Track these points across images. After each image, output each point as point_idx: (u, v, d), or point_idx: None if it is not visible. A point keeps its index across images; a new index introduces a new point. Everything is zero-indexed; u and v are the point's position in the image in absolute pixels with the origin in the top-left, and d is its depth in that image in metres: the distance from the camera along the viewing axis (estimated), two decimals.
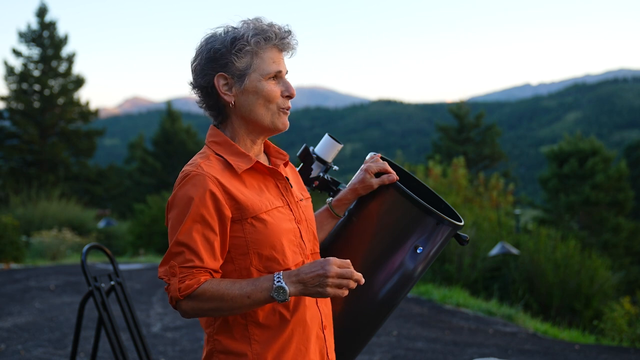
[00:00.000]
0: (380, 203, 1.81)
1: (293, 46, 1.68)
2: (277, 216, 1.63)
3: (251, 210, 1.58)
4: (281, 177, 1.70)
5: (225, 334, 1.61)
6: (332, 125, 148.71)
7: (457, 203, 14.26)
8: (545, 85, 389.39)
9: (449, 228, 1.79)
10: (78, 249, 14.90)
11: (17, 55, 31.21)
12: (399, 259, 1.79)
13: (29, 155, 30.13)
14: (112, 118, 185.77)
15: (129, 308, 3.46)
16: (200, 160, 1.63)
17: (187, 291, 1.52)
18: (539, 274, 10.60)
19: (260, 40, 1.61)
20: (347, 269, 1.48)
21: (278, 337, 1.60)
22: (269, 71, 1.62)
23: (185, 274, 1.53)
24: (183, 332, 6.47)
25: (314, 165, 2.04)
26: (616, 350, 6.71)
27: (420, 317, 7.82)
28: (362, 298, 1.83)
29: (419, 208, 1.75)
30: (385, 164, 1.84)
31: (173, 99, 52.12)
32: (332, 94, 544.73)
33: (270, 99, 1.63)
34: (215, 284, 1.52)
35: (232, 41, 1.61)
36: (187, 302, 1.53)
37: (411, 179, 2.01)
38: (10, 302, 7.88)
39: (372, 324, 1.90)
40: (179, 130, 35.11)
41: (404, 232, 1.78)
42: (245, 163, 1.63)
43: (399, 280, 1.82)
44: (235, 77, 1.63)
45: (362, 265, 1.80)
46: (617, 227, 26.28)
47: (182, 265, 1.54)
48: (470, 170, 29.82)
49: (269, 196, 1.65)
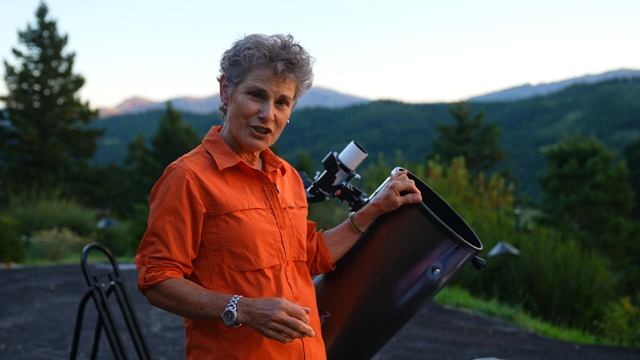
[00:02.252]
0: (403, 221, 1.81)
1: (290, 74, 1.63)
2: (255, 217, 1.65)
3: (225, 207, 1.62)
4: (268, 181, 1.72)
5: (198, 329, 1.66)
6: (332, 125, 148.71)
7: (457, 203, 14.27)
8: (545, 85, 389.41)
9: (468, 252, 1.81)
10: (78, 249, 14.89)
11: (17, 55, 31.21)
12: (417, 276, 1.80)
13: (29, 155, 30.13)
14: (112, 118, 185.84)
15: (129, 308, 3.46)
16: (186, 156, 1.68)
17: (151, 282, 1.58)
18: (539, 274, 10.60)
19: (249, 55, 1.62)
20: (293, 320, 1.47)
21: (246, 336, 1.60)
22: (250, 86, 1.63)
23: (153, 264, 1.59)
24: (183, 332, 6.47)
25: (338, 173, 2.03)
26: (616, 350, 6.71)
27: (420, 317, 7.82)
28: (377, 310, 1.85)
29: (440, 230, 1.76)
30: (412, 182, 1.83)
31: (173, 99, 52.18)
32: (332, 94, 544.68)
33: (242, 114, 1.64)
34: (178, 285, 1.57)
35: (233, 48, 1.67)
36: (150, 292, 1.59)
37: (433, 195, 2.01)
38: (10, 302, 7.88)
39: (385, 333, 1.91)
40: (179, 130, 35.13)
41: (424, 251, 1.79)
42: (229, 162, 1.67)
43: (415, 294, 1.83)
44: (230, 82, 1.68)
45: (380, 281, 1.82)
46: (617, 227, 26.28)
47: (152, 255, 1.59)
48: (470, 170, 29.82)
49: (251, 197, 1.67)
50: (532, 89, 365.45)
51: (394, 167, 2.21)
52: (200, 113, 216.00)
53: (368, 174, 18.03)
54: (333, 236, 1.89)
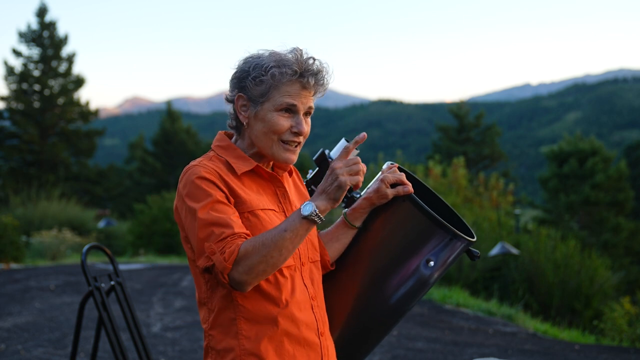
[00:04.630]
0: (394, 214, 1.81)
1: (318, 86, 1.69)
2: (272, 217, 1.67)
3: (248, 205, 1.64)
4: (280, 184, 1.75)
5: (217, 329, 1.64)
6: (332, 126, 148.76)
7: (457, 203, 14.27)
8: (545, 85, 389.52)
9: (461, 243, 1.80)
10: (78, 249, 14.89)
11: (17, 55, 31.21)
12: (410, 270, 1.80)
13: (29, 155, 30.13)
14: (112, 118, 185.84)
15: (129, 308, 3.46)
16: (203, 159, 1.69)
17: (232, 257, 1.51)
18: (539, 274, 10.60)
19: (278, 73, 1.63)
20: (350, 159, 1.58)
21: (267, 334, 1.60)
22: (281, 102, 1.64)
23: (222, 245, 1.54)
24: (183, 332, 6.47)
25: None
26: (616, 350, 6.71)
27: (420, 317, 7.82)
28: (371, 306, 1.84)
29: (433, 222, 1.75)
30: (402, 175, 1.83)
31: (173, 99, 52.23)
32: (332, 94, 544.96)
33: (274, 131, 1.66)
34: (252, 239, 1.55)
35: (253, 68, 1.66)
36: (236, 269, 1.52)
37: (426, 191, 2.01)
38: (10, 302, 7.88)
39: (381, 330, 1.91)
40: (179, 130, 35.13)
41: (417, 244, 1.78)
42: (245, 166, 1.69)
43: (410, 289, 1.83)
44: (252, 101, 1.68)
45: (374, 273, 1.81)
46: (617, 227, 26.28)
47: (218, 239, 1.55)
48: (470, 170, 29.82)
49: (265, 199, 1.70)
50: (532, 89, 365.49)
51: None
52: (200, 113, 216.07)
53: (368, 174, 18.02)
54: (329, 234, 1.89)
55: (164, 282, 9.96)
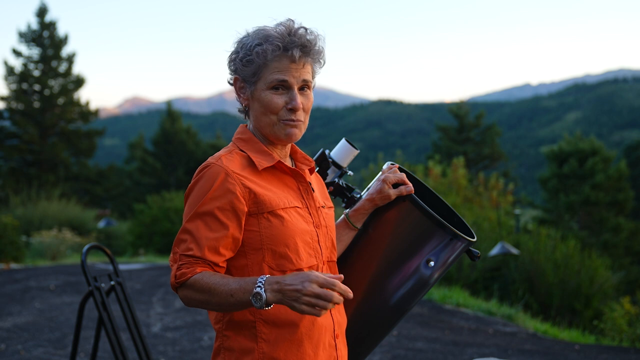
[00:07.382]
0: (396, 214, 1.81)
1: (308, 57, 1.62)
2: (295, 215, 1.63)
3: (268, 205, 1.59)
4: (303, 180, 1.71)
5: (233, 330, 1.61)
6: (332, 126, 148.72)
7: (457, 203, 14.26)
8: (545, 85, 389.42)
9: (461, 243, 1.80)
10: (78, 249, 14.90)
11: (17, 55, 31.20)
12: (410, 270, 1.80)
13: (29, 155, 30.12)
14: (112, 118, 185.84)
15: (129, 308, 3.46)
16: (222, 154, 1.64)
17: (181, 279, 1.53)
18: (539, 274, 10.60)
19: (261, 51, 1.59)
20: (326, 291, 1.39)
21: (287, 337, 1.59)
22: (271, 80, 1.60)
23: (183, 262, 1.54)
24: (183, 332, 6.47)
25: (330, 170, 2.03)
26: (616, 350, 6.71)
27: (420, 317, 7.82)
28: (371, 306, 1.84)
29: (433, 222, 1.75)
30: (403, 175, 1.83)
31: (173, 99, 52.18)
32: (332, 94, 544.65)
33: (271, 110, 1.62)
34: (207, 277, 1.52)
35: (241, 48, 1.64)
36: (182, 290, 1.55)
37: (427, 191, 2.01)
38: (10, 302, 7.88)
39: (381, 329, 1.91)
40: (179, 130, 35.11)
41: (417, 244, 1.78)
42: (267, 161, 1.64)
43: (410, 289, 1.83)
44: (246, 82, 1.66)
45: (374, 273, 1.81)
46: (617, 227, 26.28)
47: (184, 252, 1.55)
48: (470, 170, 29.83)
49: (289, 196, 1.66)
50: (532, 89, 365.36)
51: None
52: (200, 113, 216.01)
53: (368, 174, 18.05)
54: None
55: (164, 282, 9.96)
